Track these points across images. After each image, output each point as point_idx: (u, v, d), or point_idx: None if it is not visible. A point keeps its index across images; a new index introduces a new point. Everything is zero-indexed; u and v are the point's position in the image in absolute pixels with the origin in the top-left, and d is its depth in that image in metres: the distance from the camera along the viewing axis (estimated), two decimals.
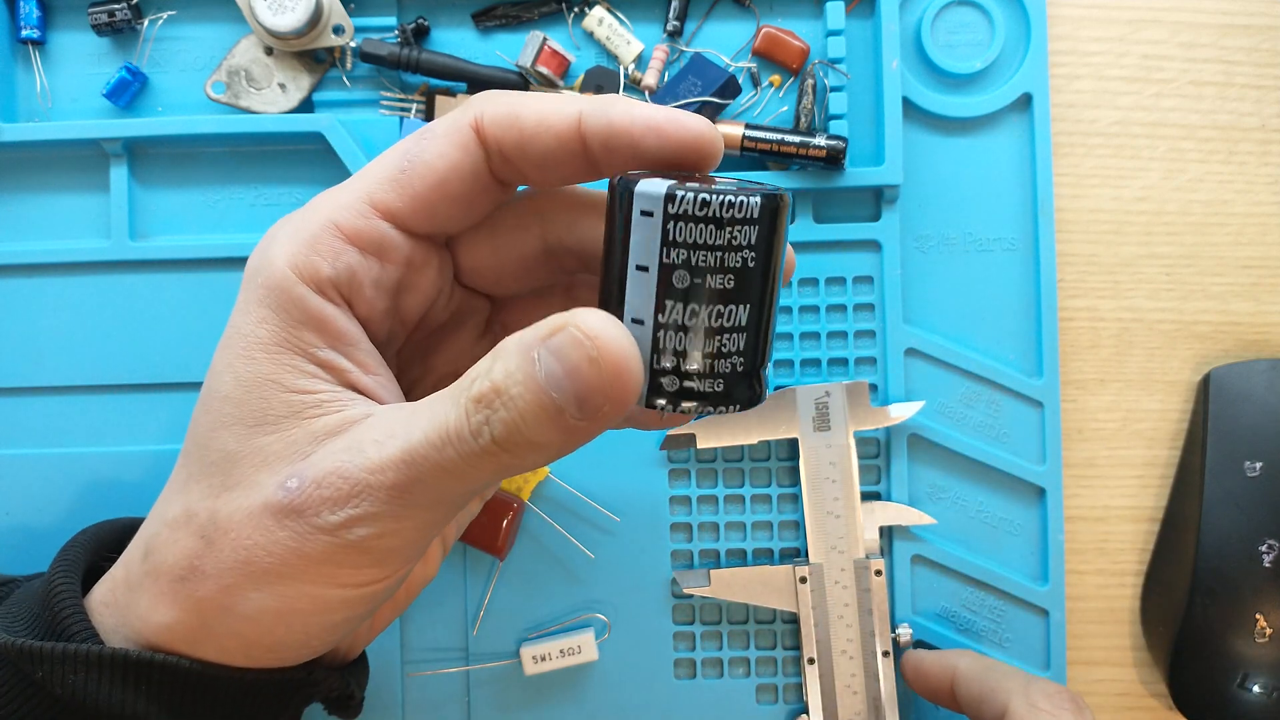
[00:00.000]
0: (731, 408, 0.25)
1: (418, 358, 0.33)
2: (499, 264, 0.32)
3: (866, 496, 0.45)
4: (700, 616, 0.46)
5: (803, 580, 0.43)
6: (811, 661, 0.43)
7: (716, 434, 0.44)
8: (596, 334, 0.24)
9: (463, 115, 0.28)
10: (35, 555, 0.45)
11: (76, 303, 0.45)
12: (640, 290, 0.25)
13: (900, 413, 0.44)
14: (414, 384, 0.33)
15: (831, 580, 0.43)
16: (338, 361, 0.28)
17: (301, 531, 0.26)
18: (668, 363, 0.25)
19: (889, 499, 0.45)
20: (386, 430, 0.26)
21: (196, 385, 0.44)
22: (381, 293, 0.29)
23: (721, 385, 0.25)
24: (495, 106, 0.28)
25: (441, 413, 0.25)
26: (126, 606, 0.29)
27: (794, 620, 0.45)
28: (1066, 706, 0.37)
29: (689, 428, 0.44)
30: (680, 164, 0.27)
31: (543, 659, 0.44)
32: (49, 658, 0.28)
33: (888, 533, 0.45)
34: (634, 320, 0.25)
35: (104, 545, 0.33)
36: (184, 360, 0.45)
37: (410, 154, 0.28)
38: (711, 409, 0.25)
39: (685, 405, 0.25)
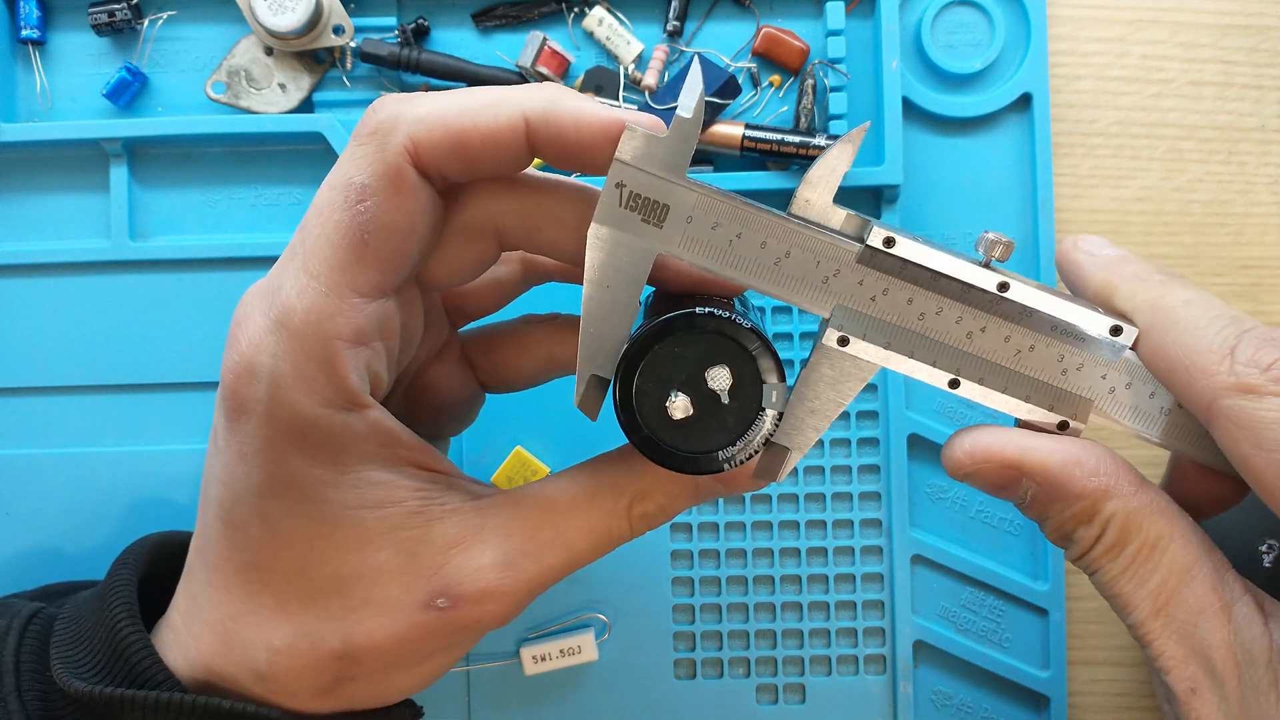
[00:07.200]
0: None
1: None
2: (479, 294, 0.34)
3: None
4: (700, 616, 0.46)
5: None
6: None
7: None
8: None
9: (389, 151, 0.26)
10: (35, 554, 0.45)
11: (76, 303, 0.45)
12: None
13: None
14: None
15: None
16: (396, 453, 0.28)
17: (457, 638, 0.29)
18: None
19: (889, 498, 0.45)
20: (533, 541, 0.29)
21: (196, 385, 0.45)
22: (391, 362, 0.29)
23: None
24: (429, 131, 0.26)
25: (602, 526, 0.29)
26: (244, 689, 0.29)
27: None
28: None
29: None
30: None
31: (543, 659, 0.44)
32: (141, 705, 0.28)
33: (888, 533, 0.45)
34: None
35: (144, 566, 0.33)
36: (184, 360, 0.45)
37: (361, 223, 0.26)
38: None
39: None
